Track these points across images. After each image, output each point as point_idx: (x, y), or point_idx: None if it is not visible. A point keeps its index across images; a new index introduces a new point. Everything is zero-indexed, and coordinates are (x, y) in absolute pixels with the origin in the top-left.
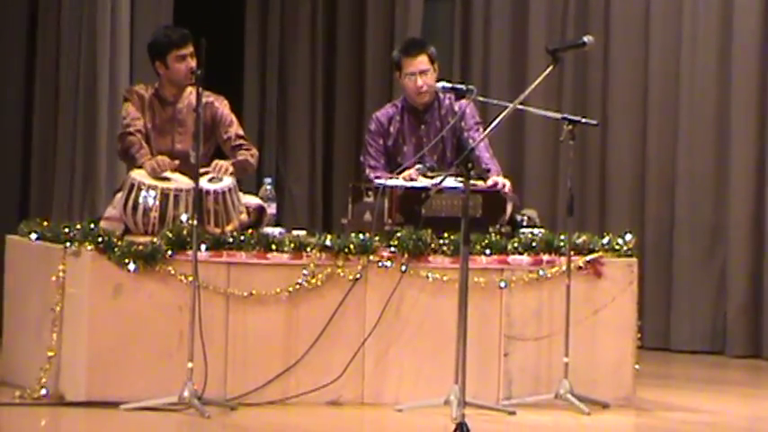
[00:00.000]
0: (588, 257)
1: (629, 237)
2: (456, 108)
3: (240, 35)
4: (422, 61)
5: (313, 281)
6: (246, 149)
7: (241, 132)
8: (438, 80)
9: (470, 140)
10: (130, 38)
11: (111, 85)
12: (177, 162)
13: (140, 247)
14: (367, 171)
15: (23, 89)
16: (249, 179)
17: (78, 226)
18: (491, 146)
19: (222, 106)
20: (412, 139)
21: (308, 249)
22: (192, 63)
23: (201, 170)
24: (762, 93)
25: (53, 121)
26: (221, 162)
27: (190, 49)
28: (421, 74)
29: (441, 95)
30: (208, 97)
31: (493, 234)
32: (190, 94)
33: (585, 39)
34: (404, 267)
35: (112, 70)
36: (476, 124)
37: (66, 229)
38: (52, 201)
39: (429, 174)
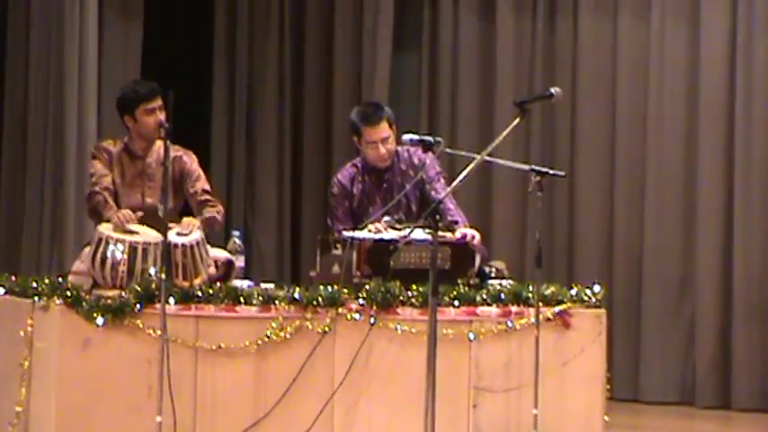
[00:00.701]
0: (557, 309)
1: (597, 288)
2: (415, 160)
3: (208, 87)
4: (383, 129)
5: (281, 334)
6: (212, 206)
7: (207, 188)
8: (405, 132)
9: (433, 192)
10: (98, 92)
11: (79, 140)
12: (140, 214)
13: (109, 301)
14: (337, 236)
15: None
16: (217, 232)
17: (46, 280)
18: (455, 196)
19: (191, 161)
20: (376, 200)
21: (277, 302)
22: (161, 116)
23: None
24: (728, 144)
25: (21, 176)
26: (190, 219)
27: (158, 102)
28: (382, 141)
29: (399, 149)
30: (177, 151)
31: (461, 286)
32: (159, 147)
33: (553, 90)
34: (372, 320)
35: (80, 125)
36: (436, 174)
37: (35, 284)
38: (20, 255)
39: (397, 226)
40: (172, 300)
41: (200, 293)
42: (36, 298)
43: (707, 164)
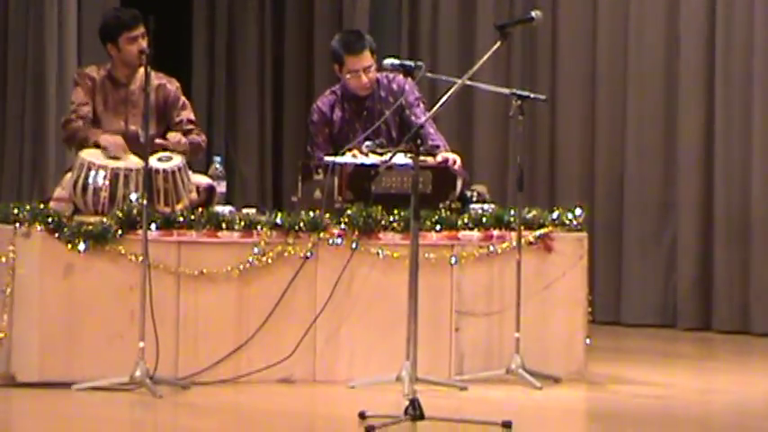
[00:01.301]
0: (538, 232)
1: (578, 211)
2: (394, 87)
3: (189, 15)
4: (365, 57)
5: (263, 259)
6: (197, 135)
7: (192, 117)
8: (386, 56)
9: (413, 117)
10: (78, 21)
11: (59, 66)
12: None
13: (90, 227)
14: (318, 162)
15: None
16: (200, 159)
17: (28, 207)
18: (435, 121)
19: (174, 88)
20: (356, 127)
21: (259, 227)
22: (144, 44)
23: (161, 141)
24: (709, 69)
25: (1, 102)
26: (178, 134)
27: (141, 29)
28: (365, 70)
29: (379, 76)
30: (161, 79)
31: (443, 210)
32: (143, 75)
33: (533, 14)
34: (354, 244)
35: (60, 53)
36: (416, 100)
37: (16, 210)
38: (1, 182)
39: (379, 150)
40: (154, 225)
41: (181, 219)
42: (17, 224)
43: (688, 87)
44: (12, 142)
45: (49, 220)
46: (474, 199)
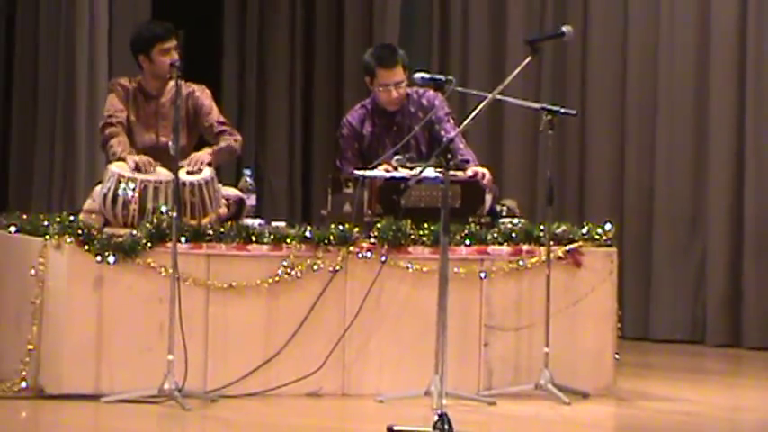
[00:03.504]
0: (568, 247)
1: (608, 226)
2: (424, 101)
3: (219, 26)
4: (397, 72)
5: (293, 272)
6: (229, 135)
7: (222, 119)
8: (416, 71)
9: (442, 132)
10: (109, 31)
11: (90, 78)
12: (158, 164)
13: (120, 240)
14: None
15: (2, 83)
16: (228, 171)
17: (58, 219)
18: (465, 136)
19: (203, 96)
20: (386, 142)
21: (288, 241)
22: (176, 56)
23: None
24: (740, 83)
25: (32, 114)
26: (198, 155)
27: (173, 42)
28: (396, 85)
29: (409, 91)
30: (189, 87)
31: (472, 224)
32: (173, 87)
33: (564, 29)
34: (384, 258)
35: (91, 63)
36: (446, 115)
37: (46, 222)
38: (31, 194)
39: (408, 165)
40: (183, 238)
41: (211, 232)
42: (47, 236)
43: (719, 103)
44: (42, 154)
45: (79, 232)
46: (503, 214)
